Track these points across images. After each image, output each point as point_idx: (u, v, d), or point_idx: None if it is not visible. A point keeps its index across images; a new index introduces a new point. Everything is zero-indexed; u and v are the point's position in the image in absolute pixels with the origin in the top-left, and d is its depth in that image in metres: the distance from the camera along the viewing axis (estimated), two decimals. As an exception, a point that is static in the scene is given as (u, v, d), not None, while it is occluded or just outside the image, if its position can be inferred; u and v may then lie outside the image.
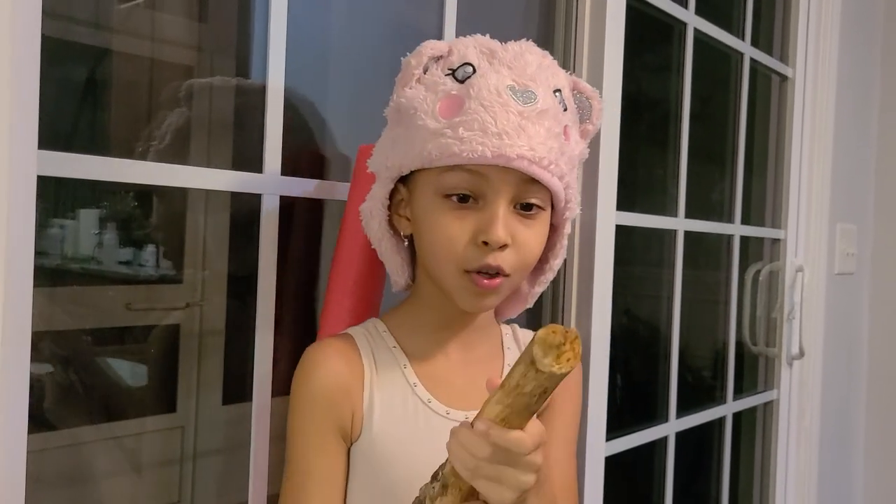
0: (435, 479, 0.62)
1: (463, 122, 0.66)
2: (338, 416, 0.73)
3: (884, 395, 2.19)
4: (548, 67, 0.72)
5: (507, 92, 0.67)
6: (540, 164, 0.67)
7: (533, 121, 0.67)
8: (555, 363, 0.53)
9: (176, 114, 0.84)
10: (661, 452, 1.48)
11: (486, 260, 0.68)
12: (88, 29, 0.79)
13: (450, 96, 0.69)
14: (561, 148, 0.69)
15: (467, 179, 0.68)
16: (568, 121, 0.72)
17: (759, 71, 1.78)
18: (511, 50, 0.70)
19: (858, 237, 2.09)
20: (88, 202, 0.82)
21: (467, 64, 0.69)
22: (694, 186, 1.51)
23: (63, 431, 0.81)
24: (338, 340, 0.77)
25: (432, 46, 0.71)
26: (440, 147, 0.67)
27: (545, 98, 0.68)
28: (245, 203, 0.89)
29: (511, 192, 0.68)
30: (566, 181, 0.71)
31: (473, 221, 0.68)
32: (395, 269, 0.78)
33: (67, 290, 0.80)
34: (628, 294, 1.44)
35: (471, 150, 0.66)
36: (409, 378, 0.75)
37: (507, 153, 0.65)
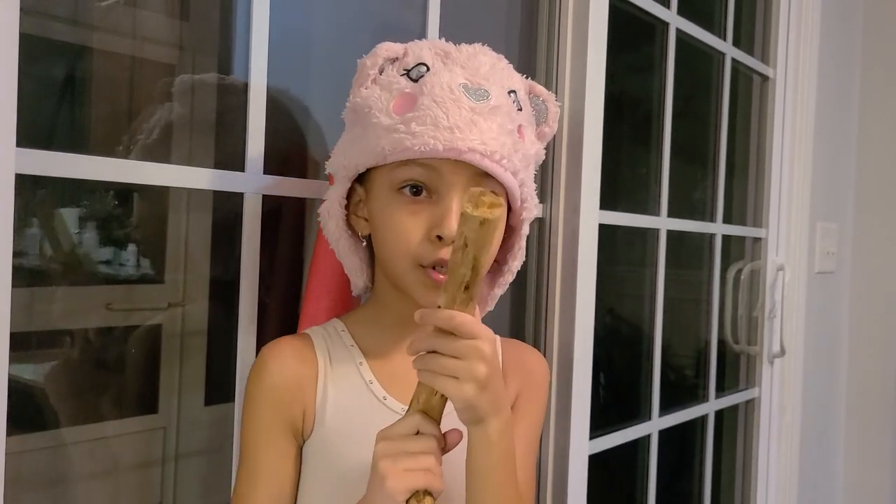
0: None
1: (415, 118, 0.68)
2: (288, 413, 0.74)
3: (863, 393, 2.22)
4: (502, 69, 0.73)
5: (459, 89, 0.68)
6: (492, 158, 0.68)
7: (485, 116, 0.68)
8: (478, 210, 0.59)
9: (158, 112, 0.84)
10: (643, 451, 1.49)
11: (439, 255, 0.69)
12: (67, 26, 0.78)
13: (403, 94, 0.70)
14: (515, 145, 0.70)
15: (420, 173, 0.69)
16: (523, 121, 0.73)
17: (741, 71, 1.80)
18: (465, 51, 0.72)
19: (839, 236, 2.12)
20: (68, 201, 0.81)
21: (422, 64, 0.71)
22: (676, 186, 1.52)
23: (43, 433, 0.80)
24: (293, 339, 0.78)
25: (387, 48, 0.73)
26: (393, 142, 0.69)
27: (498, 97, 0.70)
28: (227, 202, 0.88)
29: (464, 186, 0.69)
30: (520, 178, 0.72)
31: (427, 216, 0.69)
32: (353, 269, 0.79)
33: (46, 290, 0.79)
34: (611, 293, 1.45)
35: (422, 143, 0.67)
36: (365, 375, 0.76)
37: (459, 146, 0.66)
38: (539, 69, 1.23)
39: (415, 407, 0.66)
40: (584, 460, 1.21)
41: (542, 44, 1.23)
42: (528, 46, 1.24)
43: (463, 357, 0.62)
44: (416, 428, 0.64)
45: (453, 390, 0.62)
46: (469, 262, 0.60)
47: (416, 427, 0.64)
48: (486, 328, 0.63)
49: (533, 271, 1.23)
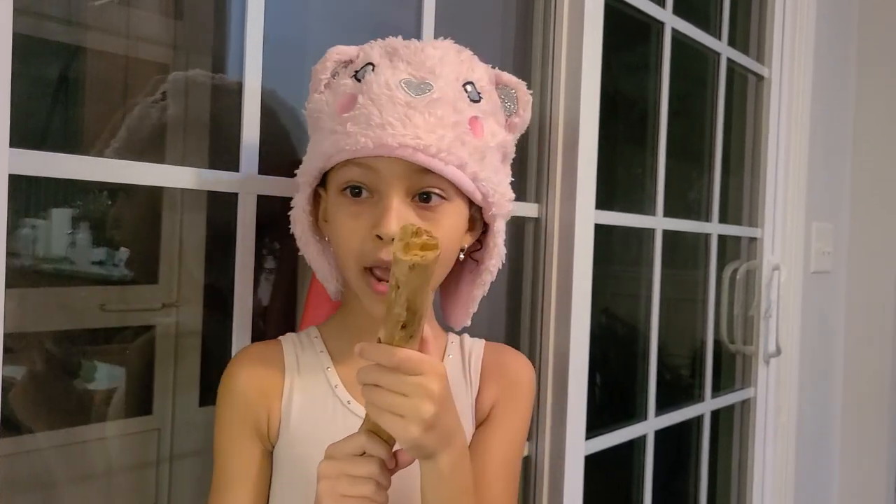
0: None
1: (351, 117, 0.67)
2: (252, 418, 0.74)
3: (859, 392, 2.22)
4: (457, 62, 0.71)
5: (398, 85, 0.67)
6: (426, 152, 0.66)
7: (421, 110, 0.66)
8: (408, 253, 0.56)
9: (152, 111, 0.83)
10: (640, 451, 1.48)
11: (379, 255, 0.67)
12: (60, 25, 0.78)
13: (346, 95, 0.69)
14: (460, 137, 0.68)
15: (358, 173, 0.68)
16: (479, 112, 0.71)
17: (736, 71, 1.80)
18: (413, 46, 0.70)
19: (834, 236, 2.12)
20: (61, 201, 0.81)
21: (369, 63, 0.70)
22: (672, 185, 1.52)
23: (36, 435, 0.80)
24: (263, 345, 0.78)
25: (338, 52, 0.73)
26: (332, 144, 0.68)
27: (444, 89, 0.68)
28: (222, 202, 0.88)
29: (404, 184, 0.68)
30: (471, 171, 0.69)
31: (369, 216, 0.68)
32: (323, 274, 0.78)
33: (39, 291, 0.79)
34: (607, 293, 1.45)
35: (354, 142, 0.66)
36: (331, 380, 0.75)
37: (389, 142, 0.65)
38: (535, 68, 1.23)
39: (366, 425, 0.63)
40: (580, 460, 1.21)
41: (538, 43, 1.23)
42: (524, 46, 1.24)
43: (408, 395, 0.59)
44: (361, 448, 0.62)
45: (398, 430, 0.59)
46: (403, 304, 0.58)
47: (363, 447, 0.62)
48: (433, 362, 0.60)
49: (529, 271, 1.23)
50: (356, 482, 0.61)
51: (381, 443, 0.62)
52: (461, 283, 0.81)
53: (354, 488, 0.61)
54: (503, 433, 0.78)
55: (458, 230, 0.73)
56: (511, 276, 1.24)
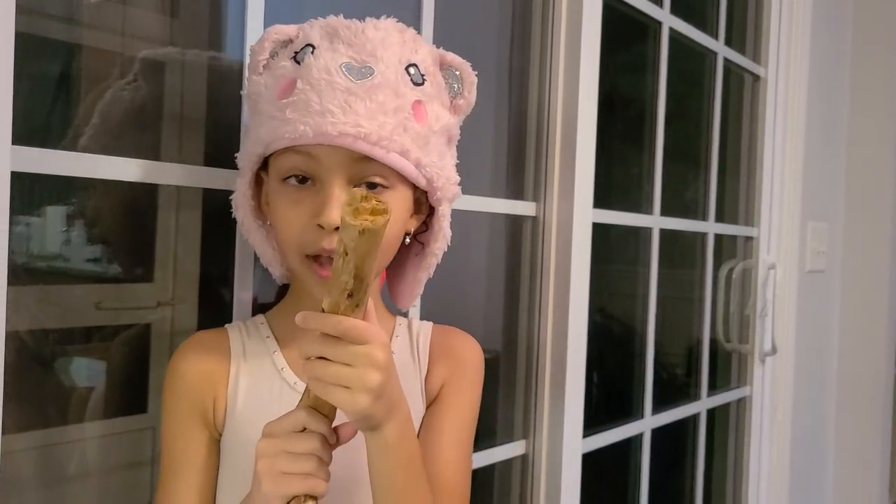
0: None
1: (290, 104, 0.65)
2: (199, 405, 0.73)
3: (853, 391, 2.23)
4: (399, 43, 0.69)
5: (339, 70, 0.65)
6: (368, 140, 0.64)
7: (361, 97, 0.65)
8: (357, 218, 0.55)
9: (124, 94, 0.83)
10: (636, 449, 1.49)
11: (321, 244, 0.66)
12: (58, 23, 0.77)
13: (285, 79, 0.68)
14: (402, 123, 0.66)
15: (300, 161, 0.67)
16: (422, 95, 0.69)
17: (733, 70, 1.80)
18: (353, 27, 0.68)
19: (829, 235, 2.13)
20: (56, 199, 0.80)
21: (309, 45, 0.68)
22: (669, 184, 1.52)
23: (31, 433, 0.79)
24: (207, 333, 0.77)
25: (277, 31, 0.71)
26: (271, 130, 0.67)
27: (385, 73, 0.66)
28: (218, 199, 0.88)
29: (345, 172, 0.66)
30: (414, 157, 0.68)
31: (310, 204, 0.67)
32: (267, 259, 0.77)
33: (34, 288, 0.78)
34: (604, 292, 1.45)
35: (293, 130, 0.65)
36: (277, 363, 0.75)
37: (329, 131, 0.64)
38: (533, 67, 1.23)
39: (304, 401, 0.61)
40: (577, 458, 1.21)
41: (536, 43, 1.23)
42: (522, 45, 1.24)
43: (354, 364, 0.57)
44: (301, 424, 0.60)
45: (345, 401, 0.58)
46: (350, 271, 0.56)
47: (303, 423, 0.60)
48: (377, 331, 0.59)
49: (526, 269, 1.23)
50: (297, 459, 0.59)
51: (322, 418, 0.61)
52: (407, 266, 0.80)
53: (295, 465, 0.59)
54: (455, 414, 0.77)
55: (402, 217, 0.71)
56: (508, 275, 1.24)
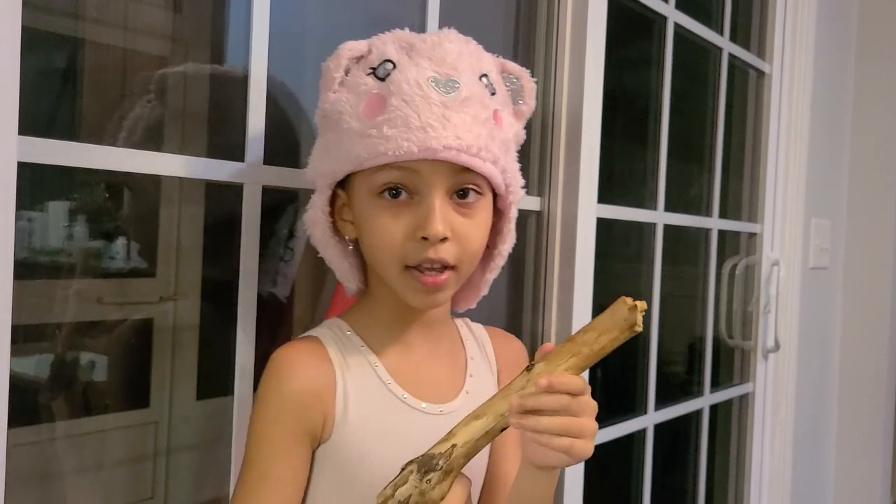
0: (431, 471, 0.61)
1: (387, 121, 0.66)
2: (308, 421, 0.71)
3: (855, 388, 2.23)
4: (470, 54, 0.71)
5: (428, 84, 0.67)
6: (469, 153, 0.67)
7: (457, 110, 0.66)
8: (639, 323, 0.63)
9: (153, 104, 0.83)
10: (639, 444, 1.49)
11: (426, 254, 0.68)
12: (64, 17, 0.77)
13: (372, 95, 0.68)
14: (491, 133, 0.69)
15: (398, 176, 0.68)
16: (497, 104, 0.71)
17: (737, 66, 1.80)
18: (429, 41, 0.70)
19: (832, 232, 2.12)
20: (58, 193, 0.80)
21: (387, 61, 0.69)
22: (673, 180, 1.52)
23: (34, 427, 0.79)
24: (306, 343, 0.76)
25: (350, 47, 0.71)
26: (368, 148, 0.67)
27: (469, 85, 0.68)
28: (223, 193, 0.87)
29: (445, 184, 0.68)
30: (501, 165, 0.71)
31: (410, 217, 0.68)
32: (343, 274, 0.78)
33: (36, 283, 0.78)
34: (608, 287, 1.45)
35: (397, 147, 0.66)
36: (382, 376, 0.75)
37: (433, 146, 0.65)
38: (538, 63, 1.22)
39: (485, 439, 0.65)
40: (580, 455, 1.21)
41: (541, 38, 1.22)
42: (527, 41, 1.23)
43: (587, 415, 0.63)
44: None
45: (582, 451, 0.63)
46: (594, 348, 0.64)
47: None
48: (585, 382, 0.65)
49: (531, 264, 1.23)
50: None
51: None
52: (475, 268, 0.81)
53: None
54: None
55: (488, 224, 0.74)
56: (513, 269, 1.24)
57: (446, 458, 0.62)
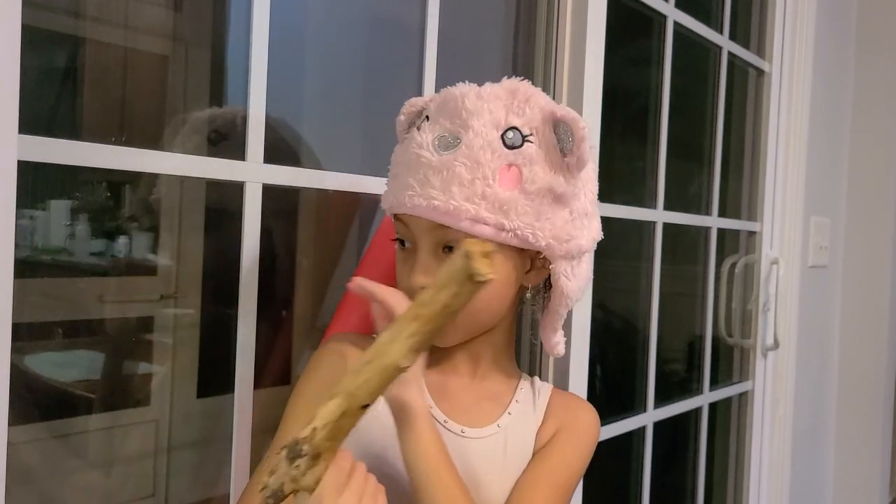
0: (297, 457, 0.59)
1: (391, 175, 0.75)
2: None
3: (854, 386, 2.23)
4: (503, 108, 0.72)
5: (430, 143, 0.71)
6: (438, 211, 0.70)
7: (438, 170, 0.70)
8: (489, 268, 0.56)
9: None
10: (639, 442, 1.49)
11: None
12: (64, 16, 0.77)
13: (400, 149, 0.76)
14: (479, 192, 0.69)
15: (399, 227, 0.75)
16: (516, 159, 0.70)
17: (737, 65, 1.80)
18: (459, 97, 0.72)
19: (831, 230, 2.13)
20: (60, 192, 0.80)
21: (426, 116, 0.75)
22: (672, 179, 1.52)
23: (35, 425, 0.79)
24: (363, 336, 0.78)
25: (411, 104, 0.78)
26: (383, 197, 0.77)
27: (472, 141, 0.70)
28: (223, 191, 0.87)
29: (429, 238, 0.72)
30: (495, 222, 0.70)
31: (409, 265, 0.74)
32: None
33: (38, 281, 0.78)
34: (608, 286, 1.45)
35: (386, 200, 0.75)
36: (426, 397, 0.75)
37: (406, 203, 0.71)
38: (538, 62, 1.22)
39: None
40: (580, 452, 1.21)
41: (541, 37, 1.22)
42: (527, 40, 1.23)
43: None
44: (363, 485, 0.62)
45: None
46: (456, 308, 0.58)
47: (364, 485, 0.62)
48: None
49: (530, 263, 1.22)
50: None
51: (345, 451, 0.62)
52: (542, 319, 0.83)
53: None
54: (551, 466, 0.77)
55: (504, 275, 0.73)
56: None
57: (309, 442, 0.60)
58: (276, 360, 0.96)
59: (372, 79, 1.07)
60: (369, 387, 0.59)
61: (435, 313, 0.57)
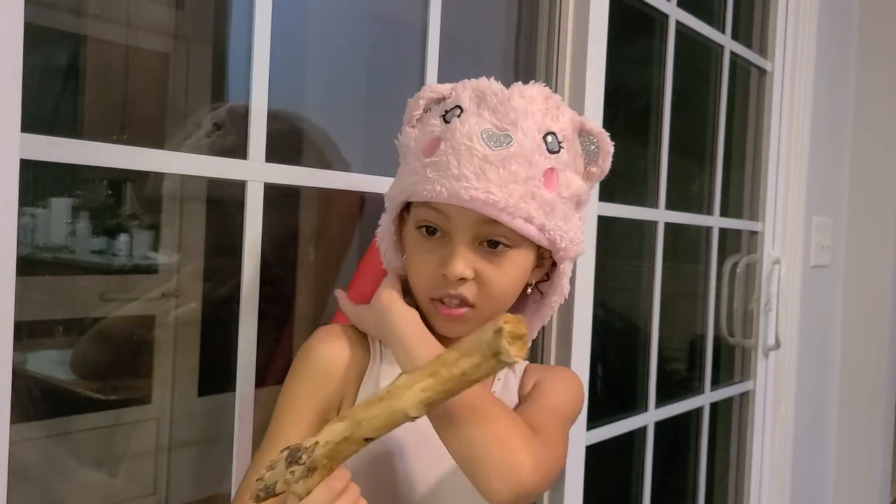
0: (295, 463, 0.60)
1: (432, 163, 0.72)
2: (324, 391, 0.76)
3: (855, 385, 2.23)
4: (540, 112, 0.73)
5: (479, 136, 0.70)
6: (496, 207, 0.69)
7: (496, 165, 0.69)
8: (518, 353, 0.56)
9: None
10: (640, 441, 1.49)
11: (447, 289, 0.73)
12: (68, 14, 0.77)
13: (432, 136, 0.73)
14: (530, 192, 0.71)
15: (433, 215, 0.73)
16: (556, 163, 0.73)
17: (739, 64, 1.80)
18: (500, 95, 0.72)
19: (833, 230, 2.12)
20: (61, 190, 0.80)
21: (458, 107, 0.73)
22: (674, 178, 1.52)
23: (35, 423, 0.79)
24: (350, 330, 0.81)
25: (432, 89, 0.77)
26: (413, 184, 0.73)
27: (523, 142, 0.71)
28: (225, 190, 0.88)
29: (472, 231, 0.72)
30: (539, 223, 0.72)
31: (439, 255, 0.73)
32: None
33: (39, 279, 0.78)
34: (609, 285, 1.45)
35: (431, 189, 0.71)
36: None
37: (462, 195, 0.69)
38: (539, 62, 1.22)
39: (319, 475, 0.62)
40: (581, 450, 1.22)
41: (543, 36, 1.22)
42: (529, 39, 1.23)
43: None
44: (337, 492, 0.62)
45: None
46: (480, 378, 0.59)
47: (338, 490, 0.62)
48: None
49: (532, 263, 1.22)
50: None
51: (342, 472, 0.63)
52: (525, 312, 0.84)
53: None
54: (540, 394, 0.78)
55: (520, 274, 0.76)
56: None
57: (309, 454, 0.60)
58: (277, 358, 0.96)
59: (373, 79, 1.07)
60: (376, 423, 0.59)
61: (452, 377, 0.58)
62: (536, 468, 0.64)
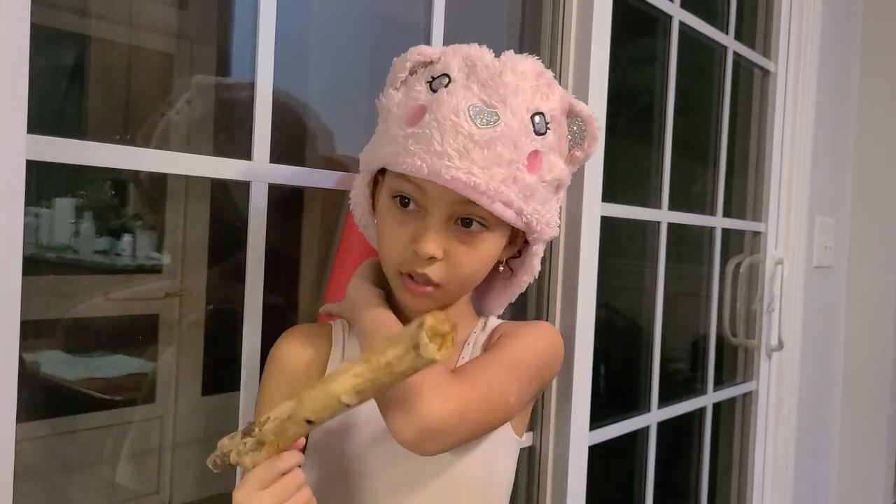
0: (248, 435, 0.60)
1: (414, 135, 0.69)
2: (289, 387, 0.75)
3: (858, 386, 2.23)
4: (530, 89, 0.71)
5: (466, 111, 0.67)
6: (476, 189, 0.67)
7: (481, 145, 0.67)
8: (437, 352, 0.55)
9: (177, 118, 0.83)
10: (642, 442, 1.49)
11: (414, 266, 0.71)
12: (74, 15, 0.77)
13: (417, 105, 0.71)
14: (512, 175, 0.69)
15: (410, 188, 0.71)
16: (541, 145, 0.71)
17: (742, 65, 1.79)
18: (492, 66, 0.70)
19: (836, 230, 2.12)
20: (65, 191, 0.80)
21: (445, 75, 0.70)
22: (677, 179, 1.52)
23: (40, 422, 0.80)
24: (314, 325, 0.82)
25: (420, 51, 0.74)
26: (393, 153, 0.70)
27: (510, 122, 0.68)
28: (229, 191, 0.88)
29: (448, 209, 0.70)
30: (517, 207, 0.70)
31: (412, 228, 0.71)
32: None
33: (44, 279, 0.79)
34: (612, 285, 1.45)
35: (412, 163, 0.68)
36: None
37: (443, 173, 0.67)
38: (543, 61, 1.22)
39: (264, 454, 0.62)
40: (584, 450, 1.22)
41: (546, 36, 1.22)
42: (533, 39, 1.23)
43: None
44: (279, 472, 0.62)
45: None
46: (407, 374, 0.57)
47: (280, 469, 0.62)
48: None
49: (535, 263, 1.23)
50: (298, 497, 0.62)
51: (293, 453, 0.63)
52: (494, 287, 0.83)
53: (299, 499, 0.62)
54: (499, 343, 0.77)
55: (491, 254, 0.75)
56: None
57: (260, 428, 0.60)
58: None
59: (375, 79, 1.08)
60: (314, 404, 0.59)
61: (379, 366, 0.57)
62: (443, 407, 0.63)
